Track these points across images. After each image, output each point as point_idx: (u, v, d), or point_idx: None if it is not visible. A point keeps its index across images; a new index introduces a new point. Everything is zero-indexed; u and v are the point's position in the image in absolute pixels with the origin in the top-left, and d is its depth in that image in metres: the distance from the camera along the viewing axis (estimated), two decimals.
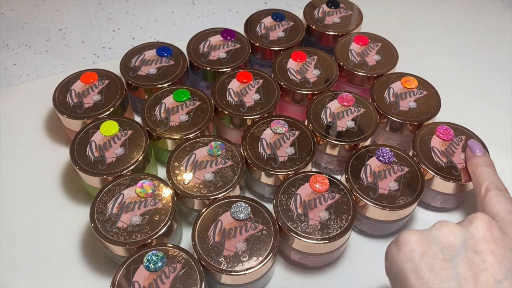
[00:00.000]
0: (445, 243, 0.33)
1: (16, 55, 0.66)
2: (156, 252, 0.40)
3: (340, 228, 0.43)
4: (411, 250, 0.33)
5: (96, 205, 0.43)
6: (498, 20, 0.74)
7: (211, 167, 0.47)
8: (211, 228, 0.42)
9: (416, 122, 0.51)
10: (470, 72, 0.66)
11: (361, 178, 0.46)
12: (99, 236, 0.41)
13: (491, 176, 0.41)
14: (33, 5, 0.73)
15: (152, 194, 0.44)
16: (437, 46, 0.70)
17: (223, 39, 0.59)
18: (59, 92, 0.53)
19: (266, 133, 0.50)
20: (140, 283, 0.38)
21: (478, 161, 0.44)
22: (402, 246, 0.34)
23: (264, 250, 0.41)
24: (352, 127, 0.50)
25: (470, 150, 0.46)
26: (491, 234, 0.33)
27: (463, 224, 0.34)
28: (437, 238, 0.33)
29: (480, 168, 0.43)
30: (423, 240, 0.33)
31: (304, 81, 0.55)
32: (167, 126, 0.50)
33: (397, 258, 0.34)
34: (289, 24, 0.62)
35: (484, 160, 0.44)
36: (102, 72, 0.55)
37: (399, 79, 0.55)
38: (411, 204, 0.45)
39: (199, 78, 0.58)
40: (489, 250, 0.32)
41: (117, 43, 0.68)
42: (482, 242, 0.32)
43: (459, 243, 0.32)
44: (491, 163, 0.44)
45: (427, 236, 0.34)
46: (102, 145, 0.48)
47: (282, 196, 0.45)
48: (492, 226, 0.33)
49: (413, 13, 0.75)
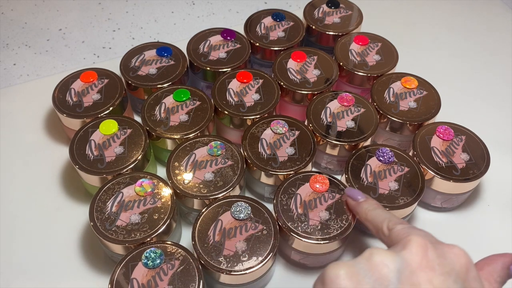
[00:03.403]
0: (378, 276, 0.29)
1: (16, 55, 0.66)
2: (154, 249, 0.40)
3: (340, 228, 0.42)
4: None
5: (96, 203, 0.43)
6: (498, 20, 0.74)
7: (211, 167, 0.46)
8: (211, 227, 0.42)
9: (416, 122, 0.51)
10: (470, 72, 0.66)
11: (361, 178, 0.46)
12: (99, 234, 0.41)
13: (386, 215, 0.38)
14: (33, 5, 0.73)
15: (152, 193, 0.44)
16: (437, 46, 0.70)
17: (223, 39, 0.59)
18: (58, 91, 0.53)
19: (266, 133, 0.49)
20: (138, 280, 0.38)
21: (365, 207, 0.40)
22: (328, 284, 0.29)
23: (264, 250, 0.41)
24: (352, 127, 0.50)
25: (351, 199, 0.42)
26: (427, 260, 0.29)
27: (395, 249, 0.31)
28: (368, 271, 0.29)
29: (370, 213, 0.39)
30: (352, 275, 0.29)
31: (304, 81, 0.55)
32: (167, 126, 0.50)
33: None
34: (289, 24, 0.62)
35: (369, 204, 0.40)
36: (102, 71, 0.55)
37: (399, 79, 0.55)
38: (411, 204, 0.45)
39: (199, 78, 0.58)
40: (427, 280, 0.29)
41: (117, 43, 0.68)
42: (418, 270, 0.29)
43: (393, 274, 0.29)
44: (378, 203, 0.41)
45: (357, 270, 0.30)
46: (102, 144, 0.48)
47: (282, 196, 0.45)
48: (428, 249, 0.30)
49: (413, 13, 0.75)
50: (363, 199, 0.42)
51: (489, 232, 0.50)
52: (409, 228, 0.34)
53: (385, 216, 0.37)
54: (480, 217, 0.51)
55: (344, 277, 0.29)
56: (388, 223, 0.36)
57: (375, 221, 0.38)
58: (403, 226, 0.34)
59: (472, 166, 0.48)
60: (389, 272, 0.29)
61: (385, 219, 0.37)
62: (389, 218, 0.37)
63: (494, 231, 0.50)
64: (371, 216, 0.39)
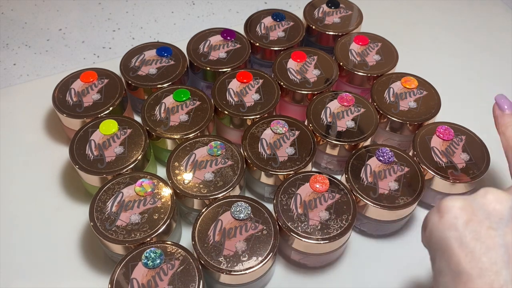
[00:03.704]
0: (491, 210, 0.30)
1: (16, 55, 0.66)
2: (154, 249, 0.40)
3: (340, 228, 0.42)
4: (454, 217, 0.31)
5: (96, 203, 0.43)
6: (498, 20, 0.74)
7: (211, 167, 0.46)
8: (211, 227, 0.42)
9: (416, 122, 0.51)
10: (470, 72, 0.66)
11: (361, 178, 0.46)
12: (99, 234, 0.41)
13: None
14: (33, 5, 0.73)
15: (152, 193, 0.44)
16: (437, 46, 0.70)
17: (223, 39, 0.59)
18: (58, 91, 0.53)
19: (266, 133, 0.49)
20: (138, 280, 0.38)
21: (507, 120, 0.40)
22: (445, 213, 0.31)
23: (264, 250, 0.41)
24: (352, 127, 0.50)
25: (498, 108, 0.42)
26: None
27: (510, 191, 0.32)
28: (482, 205, 0.31)
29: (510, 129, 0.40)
30: (467, 207, 0.31)
31: (304, 81, 0.55)
32: (167, 126, 0.50)
33: (439, 226, 0.31)
34: (289, 24, 0.62)
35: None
36: (102, 71, 0.55)
37: (399, 79, 0.55)
38: (411, 204, 0.45)
39: (199, 78, 0.58)
40: None
41: (117, 43, 0.68)
42: None
43: (506, 210, 0.30)
44: None
45: (472, 203, 0.31)
46: (102, 144, 0.48)
47: (282, 196, 0.45)
48: None
49: (413, 13, 0.75)
50: (510, 112, 0.41)
51: None
52: None
53: None
54: None
55: (460, 207, 0.31)
56: None
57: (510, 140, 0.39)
58: None
59: (472, 166, 0.48)
60: (502, 208, 0.30)
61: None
62: None
63: None
64: (509, 133, 0.40)
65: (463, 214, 0.31)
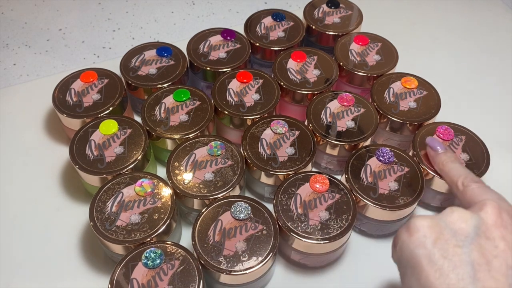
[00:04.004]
0: (457, 229, 0.32)
1: (16, 55, 0.66)
2: (154, 249, 0.40)
3: (340, 228, 0.42)
4: (423, 235, 0.33)
5: (96, 203, 0.43)
6: (498, 20, 0.74)
7: (211, 167, 0.46)
8: (211, 227, 0.42)
9: (416, 122, 0.51)
10: (470, 72, 0.66)
11: (361, 178, 0.46)
12: (99, 234, 0.41)
13: (462, 171, 0.40)
14: (33, 5, 0.73)
15: (152, 193, 0.44)
16: (437, 46, 0.70)
17: (223, 39, 0.59)
18: (58, 91, 0.53)
19: (266, 133, 0.49)
20: (138, 280, 0.38)
21: (443, 158, 0.44)
22: (414, 232, 0.33)
23: (264, 250, 0.41)
24: (352, 127, 0.50)
25: (431, 149, 0.46)
26: (501, 220, 0.32)
27: (473, 210, 0.34)
28: (449, 223, 0.33)
29: (448, 165, 0.43)
30: (435, 226, 0.33)
31: (304, 81, 0.55)
32: (167, 126, 0.50)
33: (409, 244, 0.33)
34: (289, 24, 0.62)
35: (448, 156, 0.44)
36: (102, 71, 0.55)
37: (399, 79, 0.55)
38: (411, 204, 0.45)
39: (199, 78, 0.58)
40: (500, 236, 0.32)
41: (117, 43, 0.68)
42: (493, 228, 0.32)
43: (471, 229, 0.32)
44: (456, 157, 0.44)
45: (439, 222, 0.33)
46: (102, 144, 0.48)
47: (282, 196, 0.45)
48: (502, 212, 0.33)
49: (413, 13, 0.75)
50: (443, 150, 0.45)
51: None
52: (484, 188, 0.37)
53: (462, 171, 0.40)
54: None
55: (428, 226, 0.33)
56: (463, 180, 0.38)
57: (451, 174, 0.41)
58: (478, 185, 0.37)
59: (472, 166, 0.48)
60: (467, 227, 0.32)
61: (461, 175, 0.39)
62: (465, 175, 0.39)
63: None
64: (448, 168, 0.42)
65: (431, 233, 0.33)
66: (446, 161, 0.43)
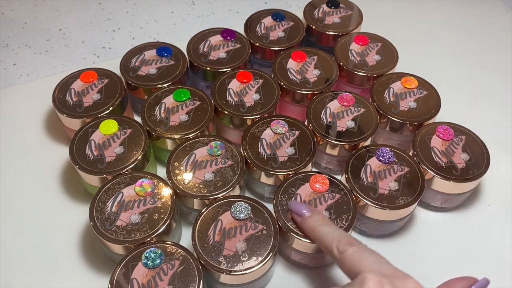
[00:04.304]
0: None
1: (16, 55, 0.66)
2: (154, 249, 0.40)
3: (340, 228, 0.42)
4: None
5: (96, 203, 0.43)
6: (498, 20, 0.74)
7: (211, 167, 0.46)
8: (211, 227, 0.42)
9: (416, 122, 0.51)
10: (470, 72, 0.66)
11: (361, 178, 0.46)
12: (99, 234, 0.41)
13: (335, 233, 0.37)
14: (33, 5, 0.73)
15: (152, 193, 0.44)
16: (437, 46, 0.70)
17: (223, 39, 0.59)
18: (58, 91, 0.53)
19: (266, 133, 0.49)
20: (138, 280, 0.38)
21: (311, 223, 0.39)
22: None
23: (264, 250, 0.41)
24: (352, 127, 0.50)
25: (296, 214, 0.41)
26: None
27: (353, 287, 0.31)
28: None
29: (317, 229, 0.38)
30: None
31: (304, 81, 0.55)
32: (167, 126, 0.50)
33: None
34: (289, 24, 0.62)
35: (315, 219, 0.39)
36: (102, 71, 0.55)
37: (399, 79, 0.55)
38: (411, 204, 0.45)
39: (199, 78, 0.58)
40: None
41: (117, 43, 0.68)
42: None
43: None
44: (325, 218, 0.40)
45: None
46: (102, 144, 0.48)
47: (282, 196, 0.45)
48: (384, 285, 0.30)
49: (413, 13, 0.75)
50: (309, 213, 0.40)
51: (489, 232, 0.50)
52: (361, 252, 0.34)
53: (334, 234, 0.36)
54: (480, 217, 0.51)
55: None
56: (337, 244, 0.35)
57: (323, 239, 0.37)
58: (354, 249, 0.34)
59: (472, 166, 0.48)
60: None
61: (334, 239, 0.36)
62: (338, 238, 0.36)
63: (494, 231, 0.50)
64: (318, 234, 0.38)
65: None
66: (314, 225, 0.39)
